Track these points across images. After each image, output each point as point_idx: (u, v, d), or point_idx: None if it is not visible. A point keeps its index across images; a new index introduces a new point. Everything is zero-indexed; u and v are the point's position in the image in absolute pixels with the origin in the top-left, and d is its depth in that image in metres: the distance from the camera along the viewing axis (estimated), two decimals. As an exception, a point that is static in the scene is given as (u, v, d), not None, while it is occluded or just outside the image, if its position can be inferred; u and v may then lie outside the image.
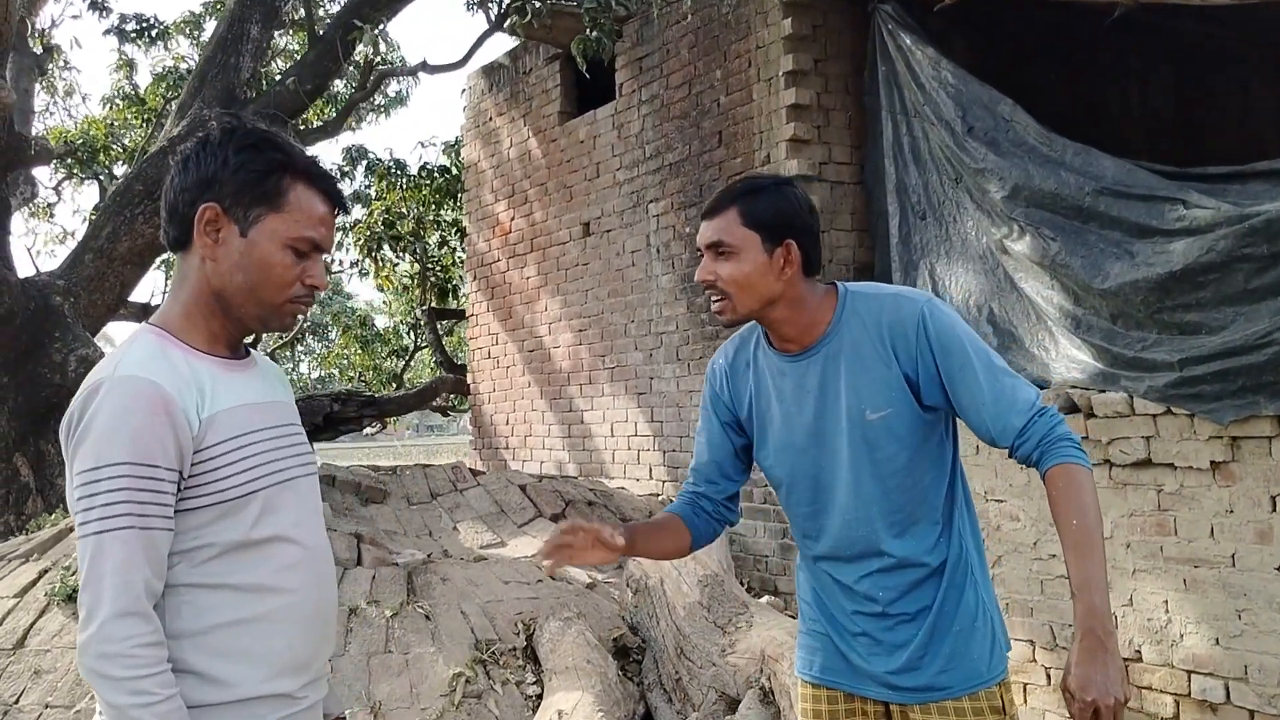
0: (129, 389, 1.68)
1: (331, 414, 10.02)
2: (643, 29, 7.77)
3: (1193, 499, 4.72)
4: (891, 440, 2.19)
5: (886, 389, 2.18)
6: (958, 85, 5.94)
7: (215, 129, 1.85)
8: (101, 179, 13.00)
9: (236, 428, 1.78)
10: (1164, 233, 4.84)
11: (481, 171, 9.84)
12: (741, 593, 5.05)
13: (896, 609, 2.26)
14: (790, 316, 2.24)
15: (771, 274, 2.19)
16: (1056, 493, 2.06)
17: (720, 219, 2.22)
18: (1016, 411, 2.12)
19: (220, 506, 1.75)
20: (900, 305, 2.21)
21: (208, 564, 1.74)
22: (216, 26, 8.94)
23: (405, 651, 4.88)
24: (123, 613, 1.62)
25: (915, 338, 2.16)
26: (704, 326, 7.22)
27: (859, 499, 2.24)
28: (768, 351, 2.34)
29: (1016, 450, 2.13)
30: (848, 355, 2.22)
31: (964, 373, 2.14)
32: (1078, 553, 2.01)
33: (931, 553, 2.25)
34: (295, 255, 1.82)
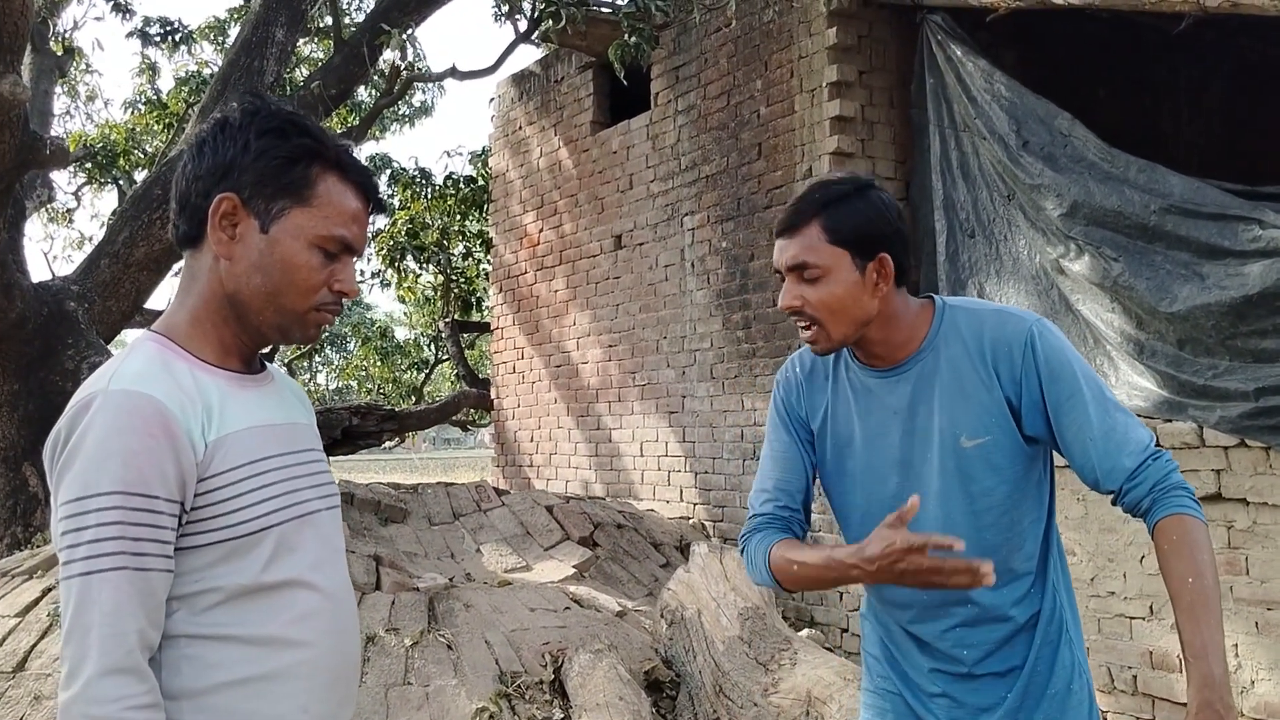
0: (124, 405, 1.43)
1: (350, 428, 9.79)
2: (680, 37, 7.55)
3: (1267, 537, 4.45)
4: (989, 472, 1.95)
5: (985, 414, 1.94)
6: (1012, 98, 5.69)
7: (236, 110, 1.59)
8: (121, 184, 12.86)
9: (248, 453, 1.53)
10: (1237, 254, 4.58)
11: (509, 181, 9.63)
12: (784, 627, 4.78)
13: (983, 668, 2.00)
14: (884, 335, 1.99)
15: (865, 293, 1.94)
16: (1169, 547, 1.82)
17: (802, 236, 1.94)
18: (1128, 452, 1.88)
19: (228, 545, 1.49)
20: (1006, 323, 1.96)
21: (211, 611, 1.49)
22: (240, 29, 8.76)
23: (425, 684, 4.62)
24: (113, 669, 1.37)
25: (1021, 359, 1.92)
26: (739, 344, 6.96)
27: (950, 535, 1.97)
28: (852, 365, 2.08)
29: (1124, 495, 1.89)
30: (944, 374, 1.97)
31: (1073, 403, 1.90)
32: (1193, 615, 1.76)
33: (1023, 604, 2.00)
34: (323, 256, 1.58)
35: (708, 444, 7.23)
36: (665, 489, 7.60)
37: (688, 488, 7.40)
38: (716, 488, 7.15)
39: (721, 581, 5.03)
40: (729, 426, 7.04)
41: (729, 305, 7.06)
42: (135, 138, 13.25)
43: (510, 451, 9.50)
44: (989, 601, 1.99)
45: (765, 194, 6.80)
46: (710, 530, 7.16)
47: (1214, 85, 8.32)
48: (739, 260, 6.99)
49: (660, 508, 7.59)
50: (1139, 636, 4.88)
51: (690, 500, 7.37)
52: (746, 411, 6.90)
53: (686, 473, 7.41)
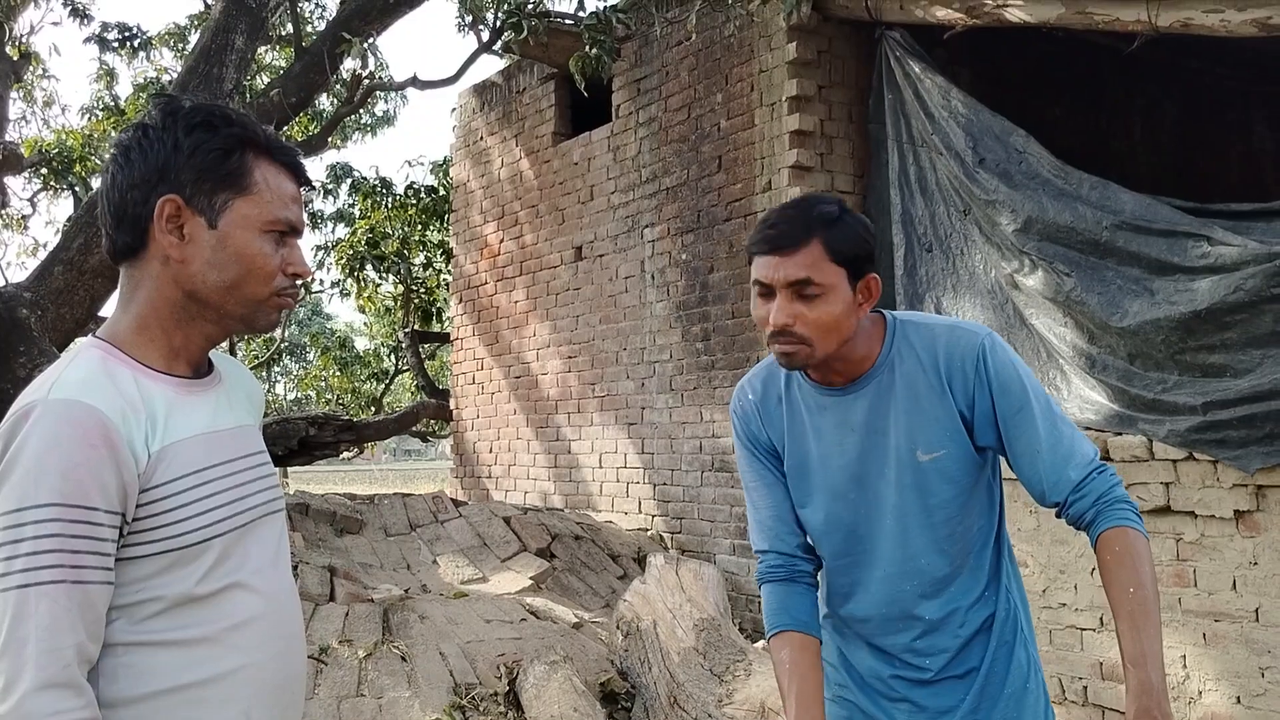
0: (63, 415, 1.41)
1: (307, 438, 9.69)
2: (641, 50, 7.58)
3: (1214, 549, 4.51)
4: (945, 483, 1.98)
5: (941, 428, 1.97)
6: (968, 115, 5.76)
7: (154, 113, 1.57)
8: (77, 190, 12.69)
9: (193, 463, 1.51)
10: (1187, 270, 4.65)
11: (470, 192, 9.61)
12: (740, 638, 4.79)
13: (943, 672, 2.04)
14: (849, 350, 2.00)
15: (854, 313, 1.95)
16: (1111, 558, 1.86)
17: (805, 254, 1.91)
18: (1074, 465, 1.93)
19: (170, 555, 1.48)
20: (958, 337, 2.00)
21: (151, 620, 1.47)
22: (200, 36, 8.69)
23: (379, 695, 4.59)
24: (48, 684, 1.35)
25: (974, 372, 1.96)
26: (699, 356, 6.98)
27: (905, 550, 2.01)
28: (804, 384, 2.09)
29: (1069, 507, 1.93)
30: (899, 390, 2.00)
31: (1021, 416, 1.94)
32: (1133, 624, 1.80)
33: (978, 607, 2.04)
34: (273, 242, 1.58)
35: (666, 455, 7.23)
36: (624, 500, 7.60)
37: (646, 499, 7.40)
38: (675, 499, 7.15)
39: (677, 593, 5.03)
40: (688, 438, 7.05)
41: (688, 317, 7.09)
42: (92, 144, 13.07)
43: (469, 462, 9.46)
44: (948, 608, 2.03)
45: (725, 207, 6.83)
46: (668, 542, 7.16)
47: (1166, 105, 8.47)
48: (699, 272, 7.02)
49: (618, 519, 7.59)
50: (1089, 648, 4.94)
51: (649, 512, 7.38)
52: (705, 423, 6.91)
53: (645, 484, 7.41)
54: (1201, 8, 4.80)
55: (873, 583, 2.05)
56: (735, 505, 6.66)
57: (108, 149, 7.08)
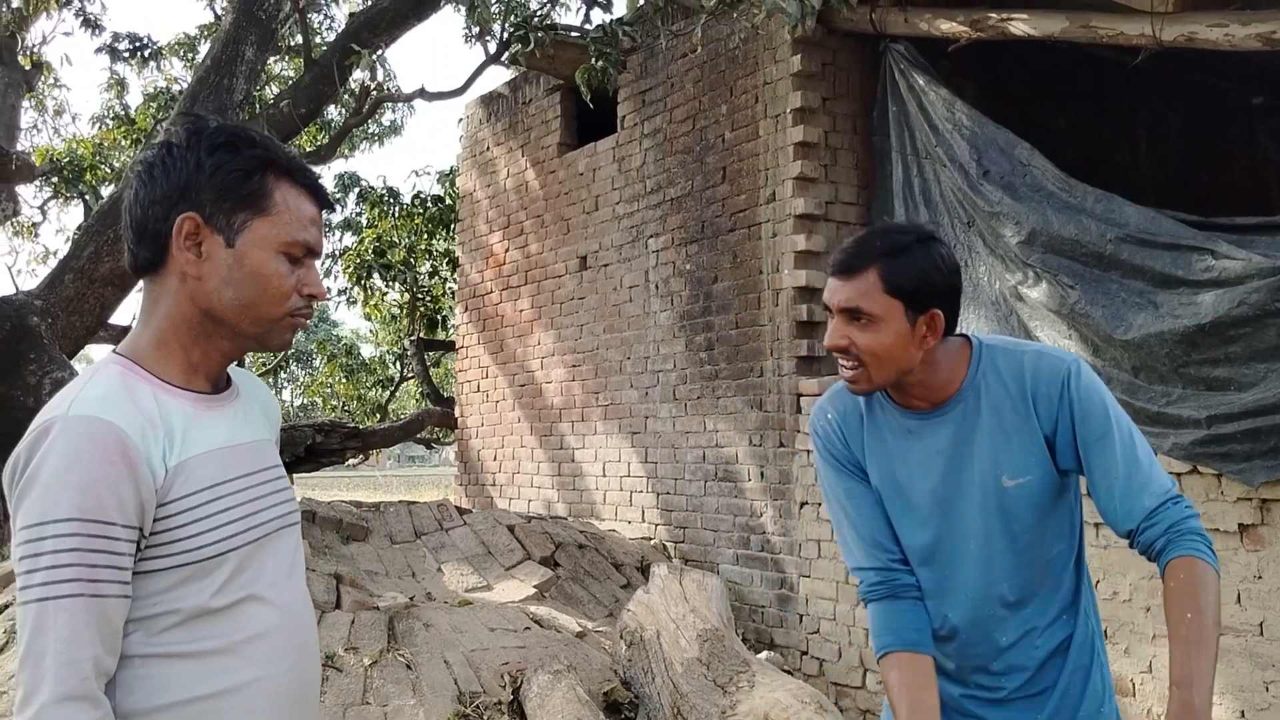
0: (82, 432, 1.44)
1: (313, 445, 9.73)
2: (647, 62, 7.61)
3: (1219, 563, 4.51)
4: (1029, 508, 2.00)
5: (1026, 453, 1.99)
6: (973, 127, 5.78)
7: (179, 131, 1.60)
8: (87, 199, 12.76)
9: (209, 477, 1.54)
10: (1190, 283, 4.66)
11: (476, 201, 9.65)
12: (743, 649, 4.80)
13: (1018, 692, 2.06)
14: (924, 378, 2.03)
15: (912, 344, 1.97)
16: (1176, 584, 1.86)
17: (859, 281, 1.96)
18: (1149, 494, 1.93)
19: (187, 569, 1.51)
20: (1045, 362, 2.02)
21: (168, 632, 1.50)
22: (210, 47, 8.74)
23: (384, 704, 4.61)
24: (66, 696, 1.38)
25: (1059, 396, 1.98)
26: (702, 366, 7.01)
27: (987, 574, 2.03)
28: (888, 407, 2.11)
29: (1140, 534, 1.94)
30: (985, 415, 2.02)
31: (1102, 443, 1.96)
32: (1186, 646, 1.81)
33: (1056, 628, 2.06)
34: (289, 262, 1.60)
35: (670, 465, 7.25)
36: (627, 509, 7.62)
37: (650, 508, 7.42)
38: (678, 509, 7.17)
39: (681, 603, 5.04)
40: (691, 448, 7.07)
41: (692, 327, 7.11)
42: (103, 153, 13.16)
43: (473, 470, 9.48)
44: (1024, 630, 2.04)
45: (729, 217, 6.86)
46: (672, 551, 7.17)
47: (1170, 117, 8.48)
48: (702, 283, 7.04)
49: (622, 528, 7.60)
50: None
51: (652, 521, 7.39)
52: (709, 433, 6.93)
53: (648, 493, 7.43)
54: (1206, 22, 4.82)
55: (952, 606, 2.06)
56: (738, 515, 6.67)
57: (133, 165, 7.15)
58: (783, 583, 6.36)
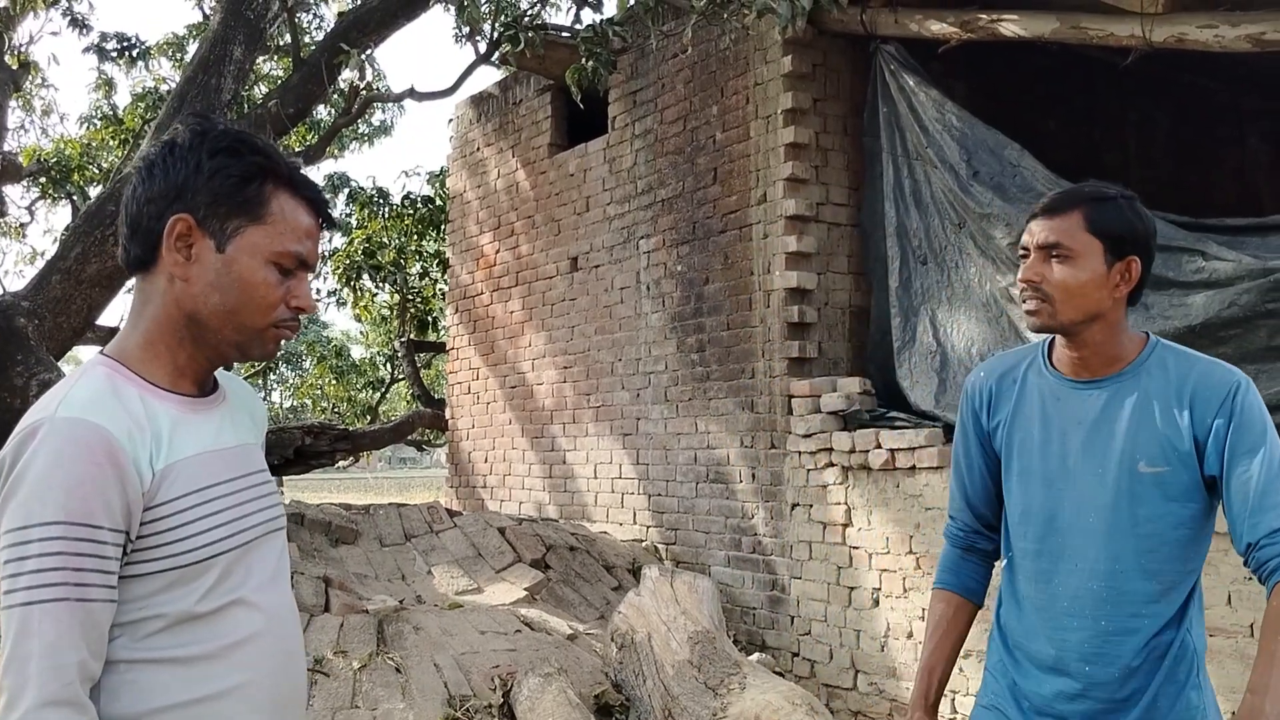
0: (69, 434, 1.42)
1: (303, 447, 9.69)
2: (637, 62, 7.60)
3: (1210, 565, 4.51)
4: (1159, 499, 2.01)
5: (1169, 446, 2.02)
6: (963, 128, 5.78)
7: (184, 131, 1.59)
8: (75, 199, 12.70)
9: (196, 481, 1.53)
10: (1181, 285, 4.67)
11: (467, 202, 9.62)
12: (734, 651, 4.79)
13: (1105, 692, 2.05)
14: (1102, 340, 2.07)
15: (1105, 288, 2.03)
16: (1278, 603, 1.88)
17: (1062, 219, 2.05)
18: (1278, 515, 1.92)
19: (173, 573, 1.49)
20: (1217, 368, 2.05)
21: (154, 637, 1.48)
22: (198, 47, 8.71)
23: (373, 707, 4.59)
24: (51, 700, 1.36)
25: (1221, 402, 2.00)
26: (694, 368, 7.00)
27: (1102, 551, 2.04)
28: (1044, 373, 2.16)
29: (1258, 549, 1.94)
30: (1138, 400, 2.05)
31: (1249, 456, 1.96)
32: (1271, 660, 1.83)
33: (1158, 636, 2.04)
34: (279, 273, 1.58)
35: (661, 466, 7.24)
36: (619, 511, 7.60)
37: (641, 510, 7.40)
38: (670, 510, 7.16)
39: (672, 605, 5.03)
40: (683, 449, 7.05)
41: (684, 328, 7.10)
42: (90, 153, 13.10)
43: (464, 472, 9.46)
44: (1125, 623, 2.04)
45: (720, 218, 6.85)
46: (663, 553, 7.16)
47: (1160, 119, 8.50)
48: (694, 284, 7.03)
49: (613, 530, 7.59)
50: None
51: (643, 523, 7.38)
52: (700, 434, 6.92)
53: (640, 495, 7.42)
54: (1195, 23, 4.82)
55: (1061, 575, 2.08)
56: (729, 517, 6.66)
57: (136, 160, 7.11)
58: (774, 584, 6.35)
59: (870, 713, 5.83)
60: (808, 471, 6.16)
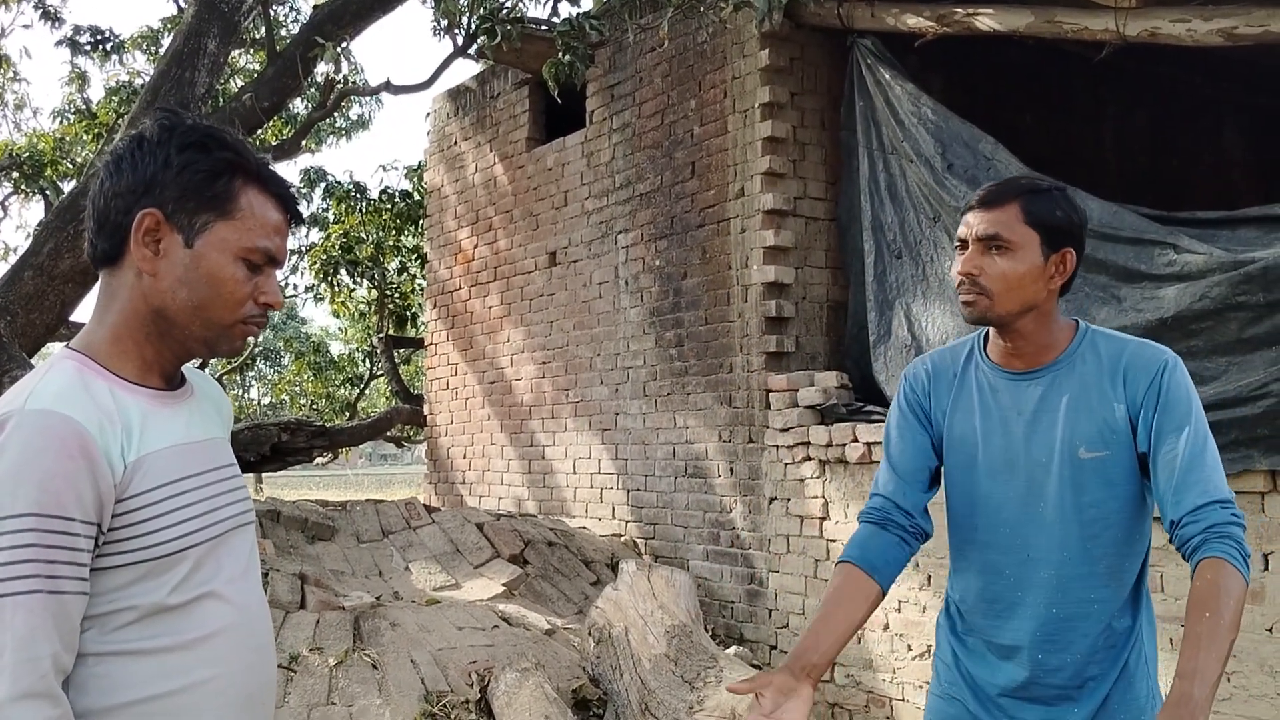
0: (40, 426, 1.41)
1: (280, 444, 9.65)
2: (615, 56, 7.59)
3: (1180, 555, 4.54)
4: (1101, 484, 2.04)
5: (1108, 429, 2.05)
6: (938, 122, 5.79)
7: (153, 126, 1.58)
8: (48, 194, 12.59)
9: (167, 473, 1.52)
10: (1153, 278, 4.69)
11: (444, 197, 9.59)
12: (711, 645, 4.79)
13: (1058, 679, 2.07)
14: (1035, 331, 2.11)
15: (1042, 279, 2.07)
16: (1201, 584, 1.87)
17: (1000, 212, 2.07)
18: (1202, 491, 1.95)
19: (145, 565, 1.48)
20: (1146, 348, 2.10)
21: (124, 629, 1.48)
22: (172, 40, 8.64)
23: (349, 704, 4.57)
24: (25, 694, 1.35)
25: (1151, 381, 2.04)
26: (672, 362, 6.99)
27: (1048, 539, 2.06)
28: (983, 365, 2.19)
29: (1181, 526, 1.95)
30: (1074, 386, 2.09)
31: (1176, 434, 1.99)
32: (1196, 643, 1.81)
33: (1109, 623, 2.06)
34: (247, 269, 1.58)
35: (640, 461, 7.24)
36: (597, 506, 7.60)
37: (620, 505, 7.40)
38: (648, 505, 7.16)
39: (649, 599, 5.03)
40: (661, 444, 7.05)
41: (662, 323, 7.09)
42: (64, 148, 12.98)
43: (443, 468, 9.44)
44: (1076, 610, 2.05)
45: (698, 213, 6.85)
46: (642, 548, 7.16)
47: (1136, 112, 8.54)
48: (672, 278, 7.02)
49: (592, 525, 7.59)
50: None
51: (622, 518, 7.38)
52: (679, 429, 6.92)
53: (619, 490, 7.41)
54: (1169, 17, 4.85)
55: (1009, 565, 2.10)
56: (708, 511, 6.67)
57: (103, 154, 7.04)
58: (752, 578, 6.36)
59: (847, 705, 5.85)
60: (785, 465, 6.17)
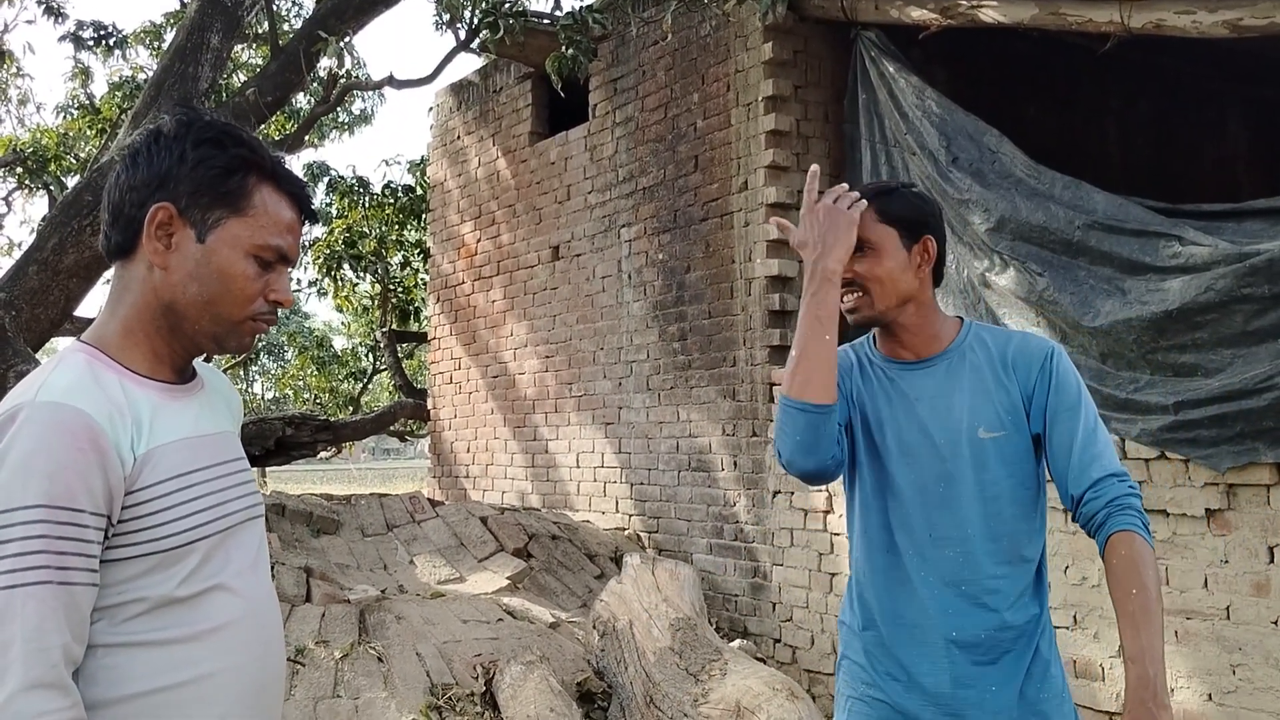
0: (50, 418, 1.42)
1: (284, 438, 9.66)
2: (618, 49, 7.58)
3: (1186, 548, 4.55)
4: (1000, 464, 2.13)
5: (1004, 411, 2.16)
6: (942, 115, 5.78)
7: (170, 121, 1.60)
8: (52, 190, 12.60)
9: (177, 466, 1.53)
10: (1158, 270, 4.68)
11: (447, 191, 9.59)
12: (715, 638, 4.80)
13: (973, 655, 2.09)
14: (919, 322, 2.23)
15: (909, 270, 2.19)
16: (1118, 561, 1.96)
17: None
18: (1098, 466, 2.06)
19: (154, 557, 1.49)
20: (1030, 339, 2.24)
21: (133, 621, 1.48)
22: (175, 35, 8.64)
23: (355, 696, 4.58)
24: (36, 684, 1.35)
25: (1039, 369, 2.16)
26: (676, 356, 6.99)
27: (953, 517, 2.13)
28: (876, 359, 2.30)
29: (1083, 504, 2.05)
30: (968, 373, 2.20)
31: (1069, 415, 2.12)
32: (1134, 623, 1.90)
33: (1017, 609, 2.12)
34: (259, 266, 1.59)
35: (643, 455, 7.24)
36: (601, 500, 7.60)
37: (623, 499, 7.40)
38: (652, 499, 7.16)
39: (653, 592, 5.04)
40: (665, 438, 7.06)
41: (665, 317, 7.09)
42: (67, 143, 13.00)
43: (447, 462, 9.44)
44: (986, 588, 2.10)
45: (701, 206, 6.84)
46: (645, 541, 7.17)
47: (1141, 104, 8.52)
48: (675, 272, 7.02)
49: (596, 519, 7.59)
50: (1063, 645, 4.97)
51: (626, 511, 7.38)
52: (682, 423, 6.92)
53: (622, 484, 7.42)
54: (1173, 9, 4.83)
55: (916, 546, 2.15)
56: (712, 505, 6.67)
57: (121, 147, 7.04)
58: (756, 571, 6.36)
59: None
60: (789, 458, 6.16)
